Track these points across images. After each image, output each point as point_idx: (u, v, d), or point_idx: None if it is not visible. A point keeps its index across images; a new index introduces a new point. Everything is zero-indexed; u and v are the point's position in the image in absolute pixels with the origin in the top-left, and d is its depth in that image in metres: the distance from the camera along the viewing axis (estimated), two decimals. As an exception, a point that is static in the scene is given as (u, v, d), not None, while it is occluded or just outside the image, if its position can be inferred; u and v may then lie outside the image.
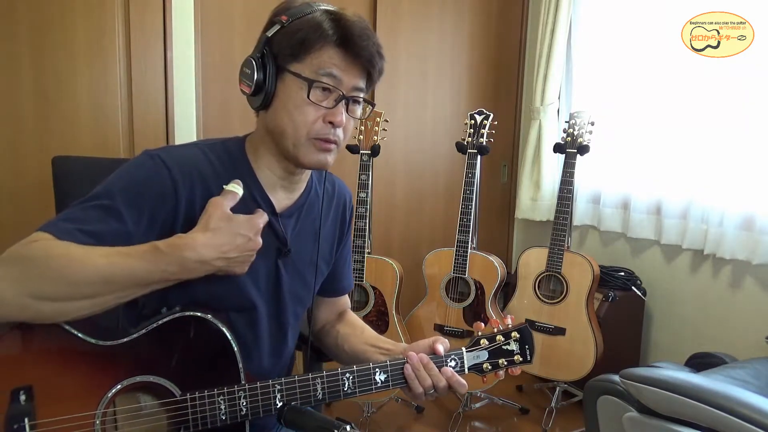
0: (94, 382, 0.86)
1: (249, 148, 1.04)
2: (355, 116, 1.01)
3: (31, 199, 2.03)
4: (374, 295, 2.24)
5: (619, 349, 2.44)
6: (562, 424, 2.42)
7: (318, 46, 0.94)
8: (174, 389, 0.90)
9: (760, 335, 2.13)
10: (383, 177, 2.78)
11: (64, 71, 2.06)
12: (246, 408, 0.92)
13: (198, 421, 0.90)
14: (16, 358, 0.84)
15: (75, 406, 0.85)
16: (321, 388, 0.97)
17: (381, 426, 2.39)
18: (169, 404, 0.90)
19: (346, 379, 0.99)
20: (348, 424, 0.86)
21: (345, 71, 0.96)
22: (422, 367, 0.99)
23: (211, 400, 0.91)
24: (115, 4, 2.11)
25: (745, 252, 2.19)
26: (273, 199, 1.04)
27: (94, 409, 0.85)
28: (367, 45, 0.96)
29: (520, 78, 3.18)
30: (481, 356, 1.04)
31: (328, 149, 0.98)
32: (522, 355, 1.06)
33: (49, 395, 0.83)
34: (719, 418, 1.22)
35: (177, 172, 0.95)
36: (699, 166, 2.35)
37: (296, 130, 0.96)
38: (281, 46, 0.96)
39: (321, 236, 1.12)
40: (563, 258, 2.34)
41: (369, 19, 2.68)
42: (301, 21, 0.95)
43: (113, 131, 2.18)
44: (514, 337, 1.06)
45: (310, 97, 0.95)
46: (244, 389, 0.93)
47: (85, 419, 0.85)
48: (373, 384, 1.00)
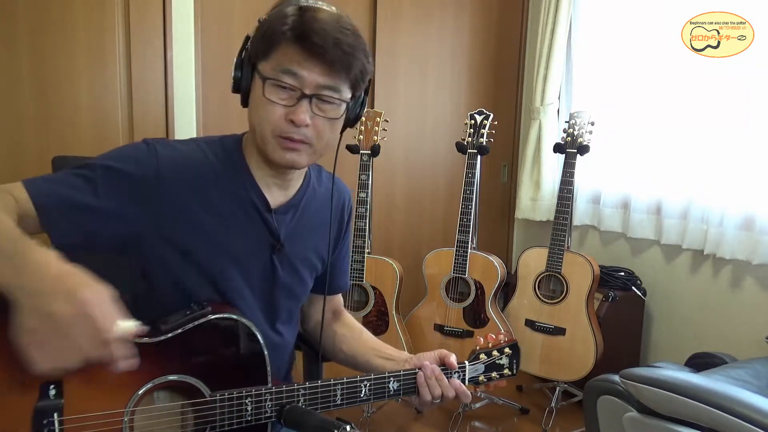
0: (124, 379, 0.86)
1: (245, 145, 1.06)
2: (326, 116, 0.97)
3: (31, 199, 2.03)
4: (374, 295, 2.24)
5: (619, 349, 2.44)
6: (562, 424, 2.42)
7: (278, 42, 0.93)
8: (204, 389, 0.91)
9: (760, 335, 2.13)
10: (383, 177, 2.78)
11: (64, 71, 2.06)
12: (270, 410, 0.94)
13: (225, 421, 0.91)
14: None
15: (104, 402, 0.85)
16: (340, 394, 1.00)
17: (381, 426, 2.39)
18: (197, 404, 0.91)
19: (363, 386, 1.02)
20: (348, 424, 0.87)
21: (307, 69, 0.92)
22: (434, 377, 1.05)
23: (239, 401, 0.92)
24: (115, 4, 2.11)
25: (745, 252, 2.19)
26: (268, 195, 1.05)
27: (123, 407, 0.86)
28: (330, 37, 0.91)
29: (520, 78, 3.17)
30: (479, 369, 1.12)
31: (294, 148, 0.97)
32: (510, 368, 1.15)
33: (79, 391, 0.83)
34: (719, 418, 1.22)
35: (166, 167, 0.96)
36: (699, 166, 2.35)
37: (261, 127, 0.96)
38: (254, 45, 0.96)
39: (325, 232, 1.13)
40: (563, 258, 2.34)
41: (369, 19, 2.69)
42: (271, 17, 0.94)
43: (113, 131, 2.18)
44: (507, 353, 1.15)
45: (265, 95, 0.94)
46: (270, 392, 0.94)
47: (113, 416, 0.85)
48: (386, 392, 1.04)
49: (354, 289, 2.26)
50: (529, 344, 2.40)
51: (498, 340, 1.16)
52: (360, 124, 2.24)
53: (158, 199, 0.95)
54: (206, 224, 1.00)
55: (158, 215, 0.96)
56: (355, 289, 2.26)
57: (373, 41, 2.71)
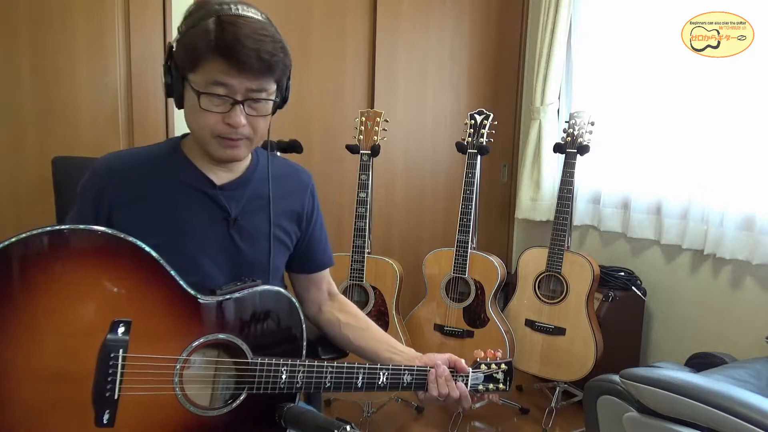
0: (185, 330, 0.97)
1: (187, 140, 1.15)
2: (259, 114, 1.06)
3: (31, 199, 2.03)
4: (374, 295, 2.24)
5: (619, 349, 2.44)
6: (562, 424, 2.42)
7: (204, 57, 0.99)
8: (247, 352, 1.01)
9: (760, 335, 2.13)
10: (383, 177, 2.78)
11: (64, 71, 2.06)
12: (302, 382, 1.04)
13: (261, 384, 1.01)
14: (122, 293, 0.92)
15: (162, 347, 0.95)
16: (361, 378, 1.10)
17: (381, 426, 2.39)
18: (240, 363, 1.01)
19: (382, 374, 1.12)
20: (348, 424, 0.88)
21: (234, 78, 1.00)
22: (444, 377, 1.15)
23: (276, 368, 1.02)
24: (115, 4, 2.11)
25: (745, 252, 2.19)
26: (212, 176, 1.13)
27: (178, 355, 0.96)
28: (250, 52, 0.97)
29: (520, 78, 3.18)
30: (479, 378, 1.23)
31: (235, 145, 1.06)
32: (504, 383, 1.25)
33: (145, 334, 0.92)
34: (719, 418, 1.22)
35: (103, 177, 1.08)
36: (699, 166, 2.35)
37: (200, 130, 1.05)
38: (178, 57, 1.03)
39: (286, 208, 1.20)
40: (563, 258, 2.34)
41: (369, 19, 2.69)
42: (193, 31, 1.00)
43: (113, 131, 2.18)
44: (503, 369, 1.24)
45: (201, 106, 1.01)
46: (303, 365, 1.05)
47: (168, 362, 0.95)
48: (400, 383, 1.14)
49: (354, 289, 2.26)
50: (529, 344, 2.40)
51: (495, 356, 1.26)
52: (360, 124, 2.25)
53: (111, 207, 1.07)
54: (161, 216, 1.09)
55: (119, 220, 1.06)
56: (355, 289, 2.26)
57: (373, 41, 2.71)
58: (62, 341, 0.87)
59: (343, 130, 2.56)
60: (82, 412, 0.88)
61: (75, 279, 0.89)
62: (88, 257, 0.90)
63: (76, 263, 0.89)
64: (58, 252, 0.88)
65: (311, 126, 2.62)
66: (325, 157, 2.66)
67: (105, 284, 0.91)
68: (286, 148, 2.14)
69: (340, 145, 2.31)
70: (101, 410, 0.89)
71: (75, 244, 0.90)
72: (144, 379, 0.92)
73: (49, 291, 0.87)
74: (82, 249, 0.90)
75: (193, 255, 1.09)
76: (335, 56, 2.65)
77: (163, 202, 1.09)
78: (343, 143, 2.28)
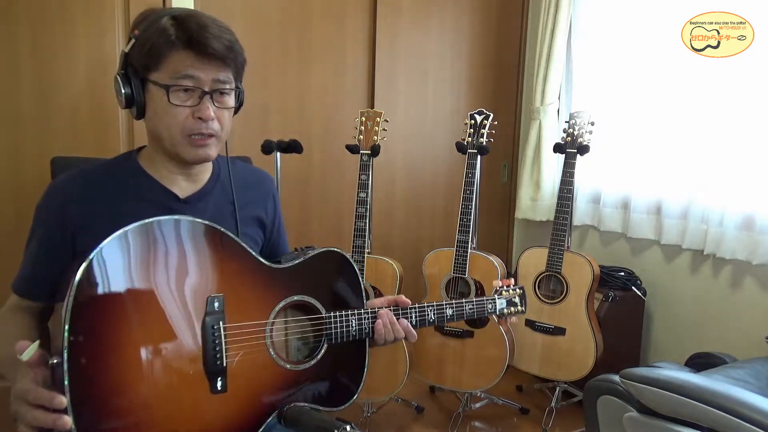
0: (267, 296, 1.08)
1: (144, 154, 1.15)
2: (227, 106, 1.08)
3: (31, 199, 2.01)
4: (374, 295, 2.24)
5: (619, 349, 2.44)
6: (562, 424, 2.41)
7: (167, 52, 1.01)
8: (320, 308, 1.14)
9: (760, 335, 2.13)
10: (383, 177, 2.78)
11: (64, 71, 2.06)
12: (368, 327, 1.18)
13: (336, 332, 1.14)
14: (210, 271, 1.01)
15: (254, 315, 1.05)
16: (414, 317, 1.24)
17: (381, 426, 2.39)
18: (315, 319, 1.13)
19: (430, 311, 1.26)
20: (348, 424, 0.88)
21: (200, 69, 1.02)
22: (390, 322, 1.20)
23: (346, 318, 1.15)
24: (115, 5, 2.11)
25: (745, 252, 2.19)
26: (175, 188, 1.13)
27: (267, 319, 1.07)
28: (213, 39, 1.01)
29: (520, 78, 3.18)
30: (503, 303, 1.38)
31: (205, 143, 1.07)
32: (521, 305, 1.41)
33: (235, 305, 1.02)
34: (719, 418, 1.22)
35: (61, 197, 1.08)
36: (699, 166, 2.35)
37: (169, 131, 1.05)
38: (137, 60, 1.03)
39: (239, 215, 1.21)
40: (563, 258, 2.34)
41: (369, 19, 2.70)
42: (149, 32, 1.01)
43: (113, 131, 2.18)
44: (518, 293, 1.41)
45: (171, 100, 1.02)
46: (368, 313, 1.18)
47: (260, 326, 1.05)
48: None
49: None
50: (529, 344, 2.40)
51: (509, 282, 1.41)
52: (360, 124, 2.25)
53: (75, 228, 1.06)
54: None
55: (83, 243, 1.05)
56: (355, 289, 2.26)
57: (373, 41, 2.71)
58: (170, 326, 0.95)
59: (343, 130, 2.56)
60: (200, 384, 0.97)
61: (168, 268, 0.96)
62: (173, 245, 0.97)
63: (164, 253, 0.96)
64: (152, 243, 0.95)
65: (311, 126, 2.62)
66: (325, 157, 2.66)
67: (195, 267, 0.99)
68: (286, 148, 2.14)
69: (340, 145, 2.31)
70: (214, 379, 0.98)
71: (162, 234, 0.96)
72: (243, 345, 1.02)
73: (149, 281, 0.94)
74: (164, 239, 0.96)
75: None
76: (335, 56, 2.65)
77: (126, 221, 1.01)
78: (343, 143, 2.27)
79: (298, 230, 2.66)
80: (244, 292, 1.05)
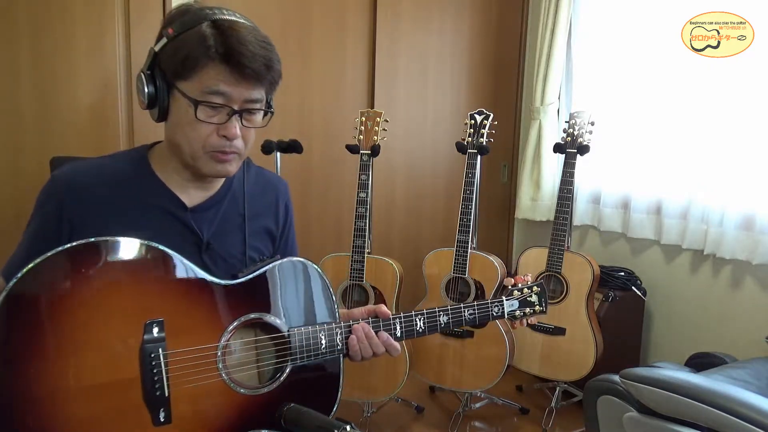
0: (216, 317, 0.98)
1: (156, 153, 1.08)
2: (254, 125, 1.02)
3: (31, 199, 2.01)
4: (374, 295, 2.24)
5: (619, 349, 2.44)
6: (562, 424, 2.41)
7: (202, 64, 0.93)
8: (282, 326, 1.03)
9: (760, 335, 2.13)
10: (383, 177, 2.78)
11: (64, 71, 2.06)
12: (342, 343, 1.07)
13: (303, 353, 1.03)
14: (149, 294, 0.93)
15: (200, 338, 0.96)
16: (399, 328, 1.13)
17: (381, 426, 2.39)
18: (276, 338, 1.02)
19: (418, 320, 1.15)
20: (348, 424, 0.88)
21: (234, 86, 0.95)
22: (366, 336, 1.09)
23: (313, 335, 1.04)
24: (115, 5, 2.11)
25: (745, 252, 2.19)
26: (183, 196, 1.06)
27: (217, 342, 0.97)
28: (254, 58, 0.94)
29: (520, 78, 3.17)
30: (514, 305, 1.24)
31: (227, 160, 1.01)
32: (540, 305, 1.26)
33: (180, 329, 0.94)
34: (719, 418, 1.22)
35: (62, 194, 1.01)
36: (699, 166, 2.35)
37: (191, 145, 0.99)
38: (168, 63, 0.97)
39: (249, 228, 1.14)
40: (563, 258, 2.34)
41: (369, 20, 2.69)
42: (186, 36, 0.94)
43: (113, 131, 2.18)
44: (535, 291, 1.26)
45: (198, 116, 0.95)
46: (340, 327, 1.07)
47: (209, 350, 0.96)
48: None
49: (354, 288, 2.26)
50: (529, 344, 2.40)
51: (526, 281, 1.27)
52: (360, 124, 2.25)
53: (73, 227, 1.00)
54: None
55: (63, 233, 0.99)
56: (355, 288, 2.26)
57: (373, 41, 2.71)
58: (103, 353, 0.88)
59: (343, 130, 2.56)
60: (140, 416, 0.90)
61: (102, 290, 0.89)
62: (110, 267, 0.90)
63: (99, 275, 0.89)
64: (81, 267, 0.88)
65: (311, 126, 2.62)
66: (325, 157, 2.66)
67: (132, 290, 0.92)
68: (286, 148, 2.13)
69: (340, 145, 2.31)
70: (156, 410, 0.91)
71: (94, 256, 0.89)
72: (190, 371, 0.94)
73: (79, 307, 0.87)
74: (101, 260, 0.90)
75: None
76: (335, 56, 2.65)
77: (129, 226, 1.00)
78: (343, 143, 2.27)
79: (298, 231, 2.62)
80: (191, 314, 0.96)
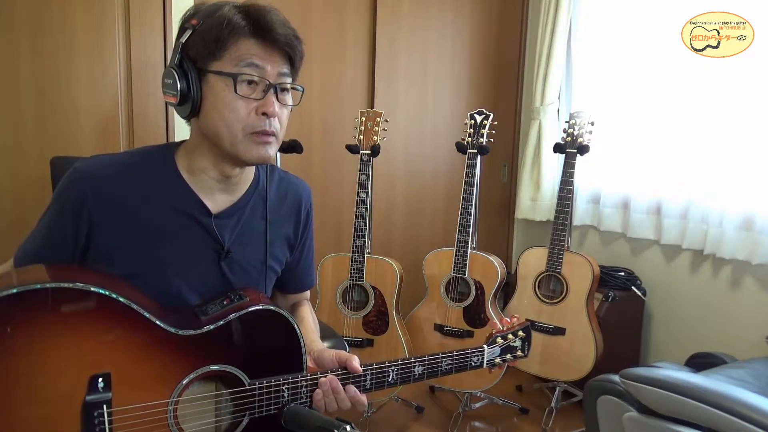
0: (169, 370, 0.91)
1: (182, 154, 1.05)
2: (286, 104, 1.01)
3: (31, 199, 2.03)
4: (374, 295, 2.24)
5: (619, 349, 2.44)
6: (562, 424, 2.41)
7: (233, 39, 0.94)
8: (243, 377, 0.95)
9: (760, 335, 2.13)
10: (383, 177, 2.78)
11: (64, 71, 2.06)
12: (306, 396, 0.99)
13: (263, 407, 0.96)
14: (95, 345, 0.85)
15: (150, 393, 0.89)
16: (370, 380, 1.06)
17: (381, 426, 2.39)
18: (237, 392, 0.95)
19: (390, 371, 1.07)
20: (348, 424, 0.87)
21: (266, 59, 0.96)
22: (332, 391, 1.02)
23: (276, 388, 0.97)
24: (115, 5, 2.11)
25: (745, 252, 2.19)
26: (208, 201, 1.04)
27: (168, 397, 0.90)
28: (282, 29, 0.96)
29: (520, 78, 3.17)
30: (495, 353, 1.20)
31: (267, 142, 0.99)
32: (522, 350, 1.22)
33: (126, 382, 0.87)
34: (719, 418, 1.22)
35: (85, 187, 0.97)
36: (699, 166, 2.35)
37: (230, 128, 0.96)
38: (197, 49, 0.96)
39: (269, 236, 1.11)
40: (563, 258, 2.34)
41: (369, 19, 2.69)
42: (212, 20, 0.95)
43: (113, 131, 2.18)
44: (520, 336, 1.22)
45: (237, 91, 0.94)
46: (306, 378, 0.99)
47: (159, 406, 0.89)
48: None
49: (354, 289, 2.26)
50: (529, 344, 2.40)
51: (512, 324, 1.24)
52: (360, 124, 2.25)
53: (92, 224, 0.97)
54: (143, 243, 0.99)
55: (97, 242, 0.97)
56: (355, 289, 2.26)
57: (373, 41, 2.71)
58: (43, 408, 0.81)
59: (343, 130, 2.56)
60: None
61: (43, 340, 0.81)
62: (57, 316, 0.82)
63: (45, 323, 0.81)
64: (25, 314, 0.80)
65: (311, 126, 2.62)
66: (325, 157, 2.66)
67: (80, 340, 0.84)
68: (286, 149, 2.13)
69: (340, 145, 2.31)
70: None
71: (40, 303, 0.81)
72: (137, 429, 0.88)
73: (20, 357, 0.80)
74: (47, 308, 0.82)
75: (177, 288, 1.01)
76: (335, 56, 2.65)
77: (149, 228, 0.98)
78: (343, 143, 2.27)
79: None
80: (141, 366, 0.88)
